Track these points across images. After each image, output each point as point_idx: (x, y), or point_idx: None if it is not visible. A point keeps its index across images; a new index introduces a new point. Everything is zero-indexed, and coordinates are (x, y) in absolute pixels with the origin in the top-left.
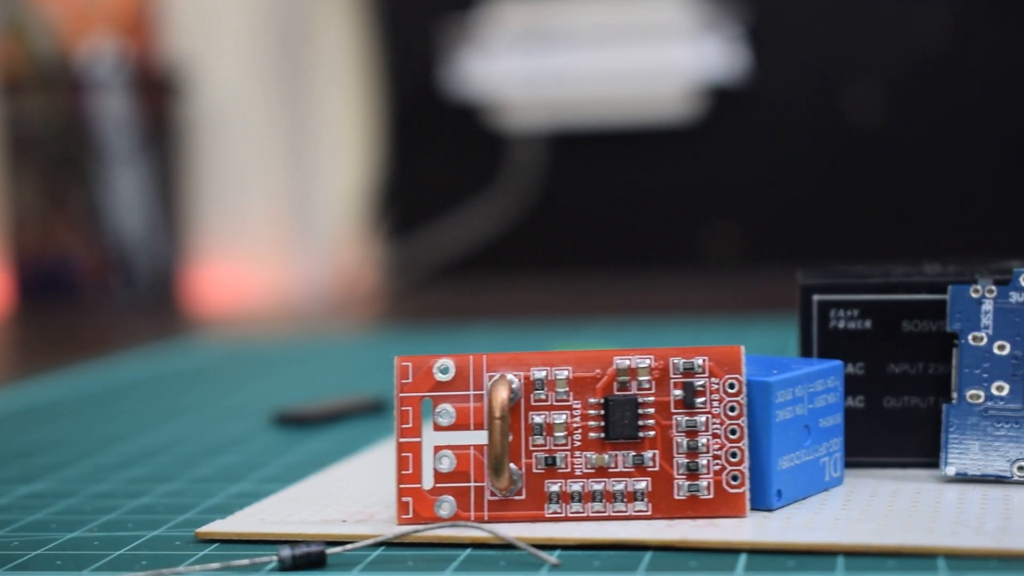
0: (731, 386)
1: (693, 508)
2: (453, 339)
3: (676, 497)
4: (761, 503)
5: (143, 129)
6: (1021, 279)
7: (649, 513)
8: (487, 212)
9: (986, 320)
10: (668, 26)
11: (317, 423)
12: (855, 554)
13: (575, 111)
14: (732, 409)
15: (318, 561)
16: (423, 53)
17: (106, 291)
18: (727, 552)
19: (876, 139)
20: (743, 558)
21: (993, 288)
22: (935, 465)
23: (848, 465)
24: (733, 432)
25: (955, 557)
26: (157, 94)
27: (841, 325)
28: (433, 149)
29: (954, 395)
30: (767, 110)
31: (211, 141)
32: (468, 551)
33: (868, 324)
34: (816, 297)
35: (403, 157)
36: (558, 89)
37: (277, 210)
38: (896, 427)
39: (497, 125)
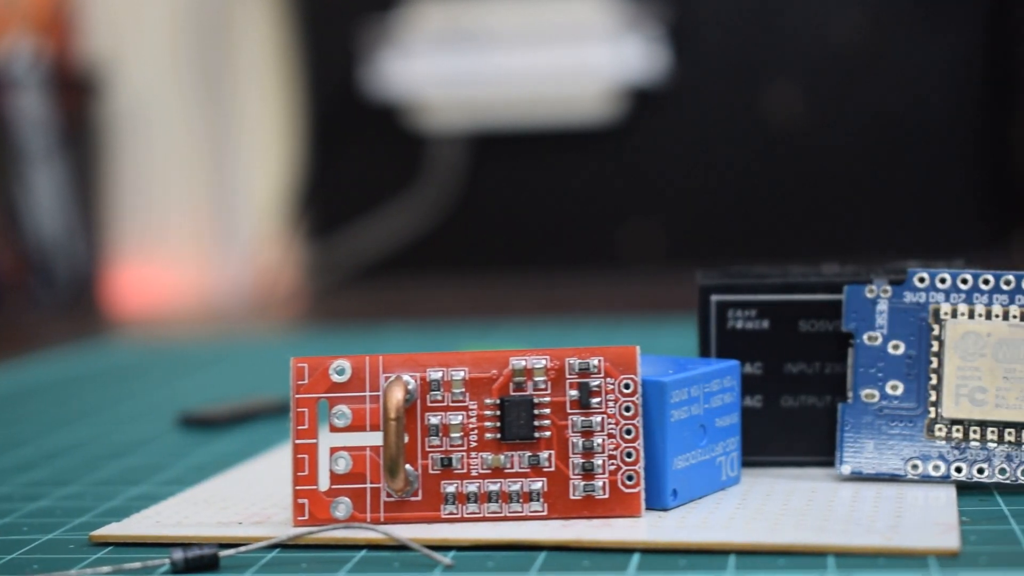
0: (626, 386)
1: (588, 508)
2: (370, 340)
3: (572, 497)
4: (657, 503)
5: (61, 129)
6: (915, 279)
7: (545, 513)
8: (407, 213)
9: (881, 320)
10: (588, 27)
11: (223, 425)
12: (746, 553)
13: (495, 111)
14: (627, 409)
15: (211, 564)
16: (343, 54)
17: (24, 292)
18: (620, 552)
19: (795, 137)
20: (636, 557)
21: (888, 288)
22: (832, 464)
23: (746, 464)
24: (628, 432)
25: (845, 555)
26: (75, 94)
27: (739, 325)
28: (353, 150)
29: (849, 394)
30: (687, 110)
31: (130, 141)
32: (363, 552)
33: (765, 324)
34: (714, 298)
35: (323, 158)
36: (478, 89)
37: (197, 211)
38: (793, 426)
39: (417, 126)
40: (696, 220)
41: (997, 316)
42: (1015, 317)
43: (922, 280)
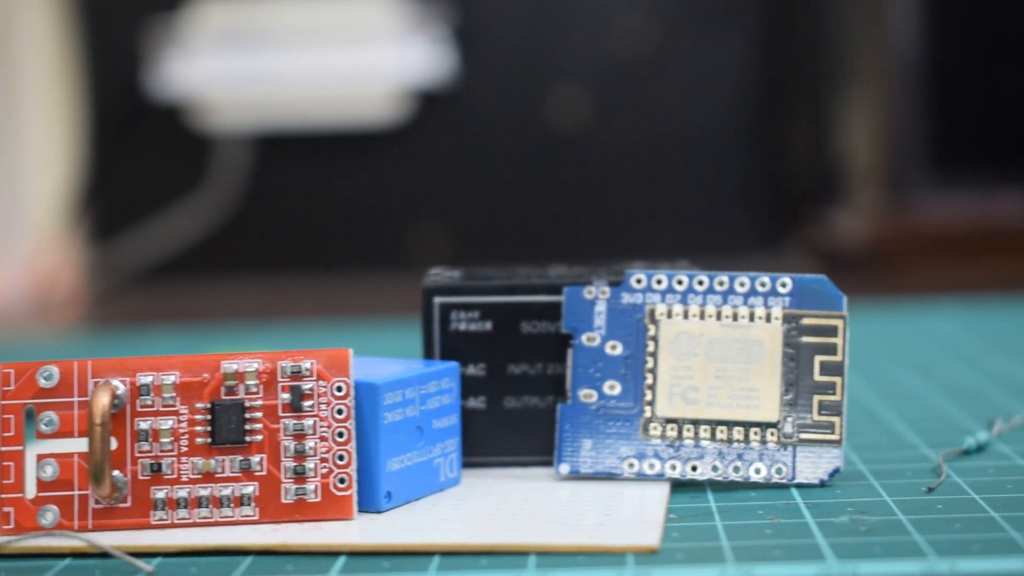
0: (339, 389)
1: (300, 512)
2: (148, 343)
3: (283, 501)
4: (370, 505)
5: None
6: (632, 280)
7: (256, 518)
8: (192, 214)
9: (599, 321)
10: (373, 28)
11: None
12: (451, 554)
13: (280, 112)
14: (340, 412)
15: None
16: (127, 53)
17: None
18: (326, 555)
19: (579, 141)
20: (341, 560)
21: (606, 289)
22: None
23: (471, 465)
24: (341, 435)
25: (546, 554)
26: None
27: (462, 327)
28: (137, 151)
29: (568, 395)
30: (472, 112)
31: None
32: (68, 561)
33: (488, 326)
34: (437, 299)
35: (106, 159)
36: (263, 90)
37: None
38: (517, 427)
39: (202, 126)
40: (481, 222)
41: (711, 316)
42: (728, 317)
43: (639, 281)
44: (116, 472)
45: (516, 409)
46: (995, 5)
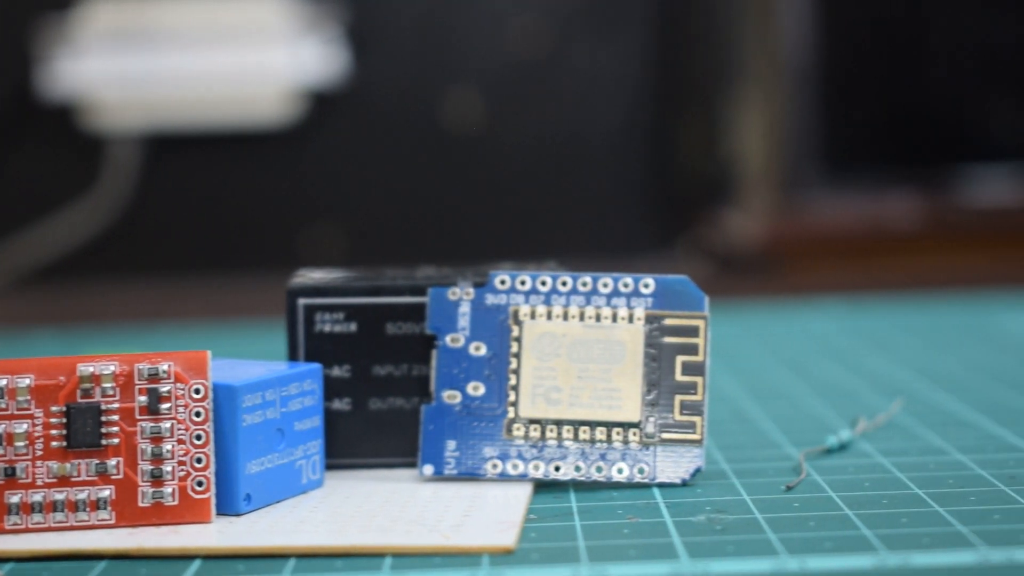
0: (197, 391)
1: (158, 515)
2: (33, 346)
3: (141, 504)
4: (229, 508)
5: None
6: (497, 281)
7: (113, 521)
8: (82, 215)
9: (463, 322)
10: (265, 28)
11: None
12: (307, 556)
13: (172, 112)
14: (198, 414)
15: None
16: (16, 53)
17: None
18: (181, 559)
19: (474, 142)
20: (196, 564)
21: (471, 290)
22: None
23: (337, 467)
24: (199, 438)
25: (402, 555)
26: None
27: (327, 328)
28: (26, 152)
29: (432, 396)
30: (366, 113)
31: None
32: None
33: (353, 327)
34: (302, 301)
35: None
36: (154, 90)
37: None
38: (382, 428)
39: (92, 126)
40: (376, 223)
41: (574, 317)
42: (591, 318)
43: (503, 282)
44: None
45: (381, 410)
46: (884, 9)
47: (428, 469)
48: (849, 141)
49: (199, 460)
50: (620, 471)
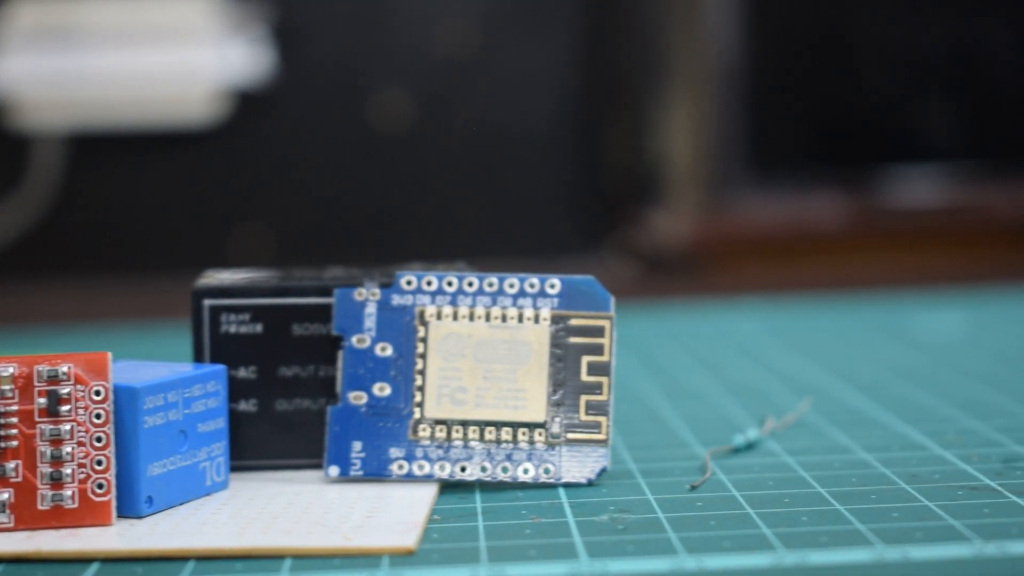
0: (97, 393)
1: (57, 518)
2: None
3: (40, 508)
4: (131, 510)
5: None
6: (403, 282)
7: (11, 525)
8: (5, 215)
9: (369, 322)
10: (191, 27)
11: None
12: (207, 558)
13: (97, 112)
14: (98, 416)
15: None
16: None
17: None
18: (79, 562)
19: (403, 142)
20: (94, 567)
21: (377, 291)
22: None
23: (243, 469)
24: (99, 440)
25: (303, 557)
26: None
27: (232, 329)
28: None
29: (338, 397)
30: (293, 113)
31: None
32: None
33: (259, 328)
34: (207, 302)
35: None
36: (79, 89)
37: None
38: (289, 430)
39: (16, 126)
40: (304, 224)
41: (480, 318)
42: (497, 319)
43: (409, 283)
44: None
45: (288, 412)
46: (810, 10)
47: (334, 470)
48: (776, 142)
49: (99, 462)
50: (526, 471)
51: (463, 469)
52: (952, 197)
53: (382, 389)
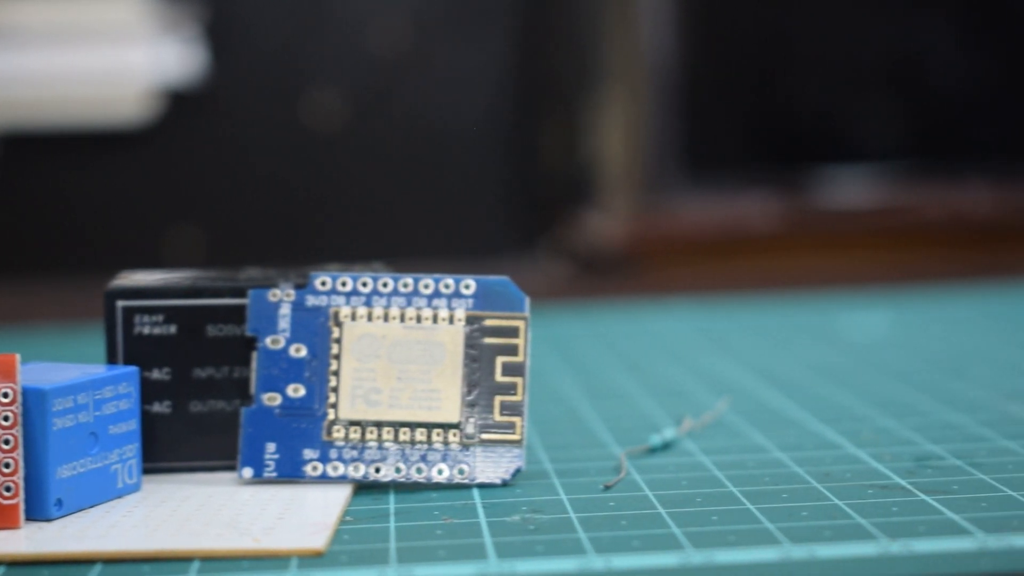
0: (5, 395)
1: None
2: None
3: None
4: (40, 513)
5: None
6: (317, 282)
7: None
8: None
9: (284, 323)
10: (124, 27)
11: None
12: (114, 561)
13: (27, 111)
14: (6, 419)
15: None
16: None
17: None
18: None
19: (336, 142)
20: (0, 571)
21: (291, 292)
22: None
23: (157, 471)
24: (7, 442)
25: (211, 559)
26: None
27: (146, 331)
28: None
29: (252, 398)
30: (225, 113)
31: None
32: None
33: (173, 329)
34: (120, 303)
35: None
36: (9, 89)
37: None
38: (203, 431)
39: None
40: (236, 224)
41: (394, 319)
42: (412, 319)
43: (324, 283)
44: None
45: (202, 413)
46: (745, 12)
47: (248, 472)
48: (709, 143)
49: (7, 465)
50: (440, 472)
51: (378, 470)
52: (884, 198)
53: (296, 390)
